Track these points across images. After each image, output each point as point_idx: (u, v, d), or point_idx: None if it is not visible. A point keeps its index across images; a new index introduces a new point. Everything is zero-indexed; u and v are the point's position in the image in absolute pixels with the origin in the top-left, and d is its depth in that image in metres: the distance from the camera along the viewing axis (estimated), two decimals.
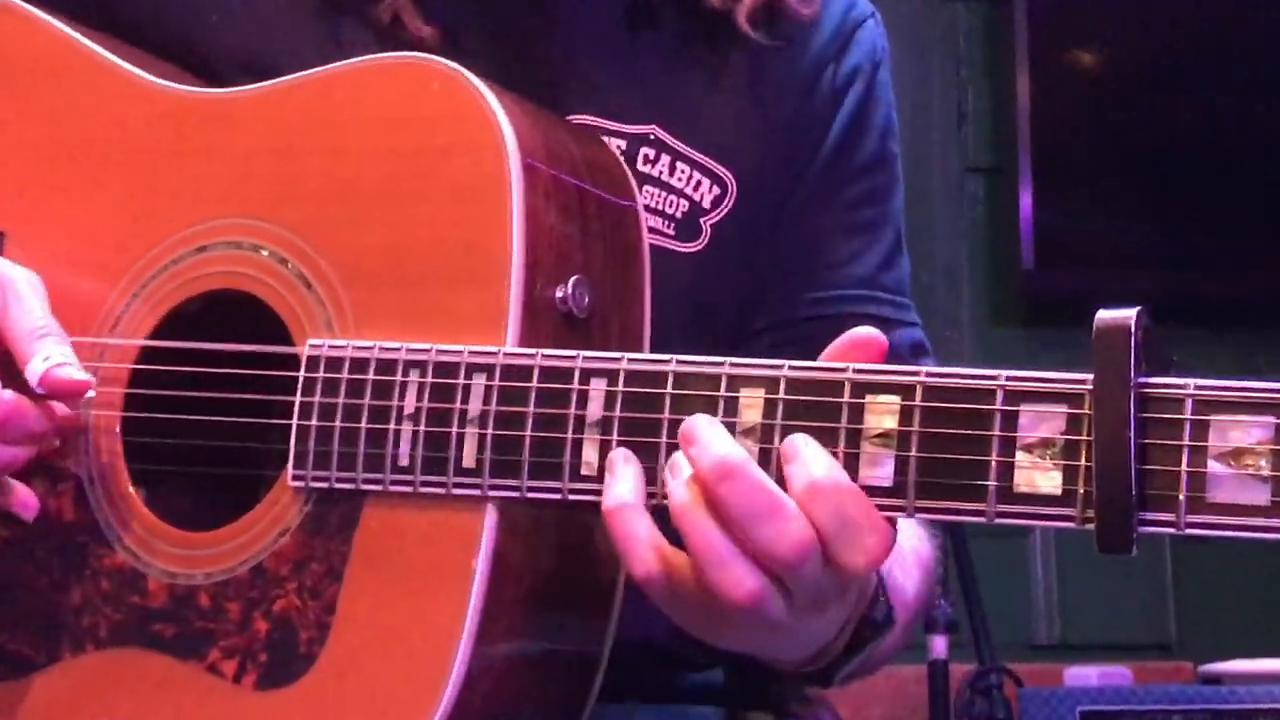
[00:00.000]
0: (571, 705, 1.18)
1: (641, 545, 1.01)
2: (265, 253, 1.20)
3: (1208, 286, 3.97)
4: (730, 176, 1.36)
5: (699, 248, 1.35)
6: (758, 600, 0.99)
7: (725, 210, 1.36)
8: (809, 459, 0.98)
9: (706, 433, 1.00)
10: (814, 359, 1.34)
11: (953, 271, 4.02)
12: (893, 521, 0.99)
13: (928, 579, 1.33)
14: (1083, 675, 3.12)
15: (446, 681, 1.08)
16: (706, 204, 1.36)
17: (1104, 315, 0.91)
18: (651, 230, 1.31)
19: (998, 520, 0.94)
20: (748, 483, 0.98)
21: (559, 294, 1.13)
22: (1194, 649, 3.75)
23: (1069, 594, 3.92)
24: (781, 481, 0.99)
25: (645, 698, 1.34)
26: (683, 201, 1.35)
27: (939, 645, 3.01)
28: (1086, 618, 3.91)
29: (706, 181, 1.35)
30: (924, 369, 0.97)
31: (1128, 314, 0.90)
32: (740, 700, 1.39)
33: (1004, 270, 4.00)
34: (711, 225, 1.36)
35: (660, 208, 1.34)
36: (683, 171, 1.35)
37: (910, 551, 1.31)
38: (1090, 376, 0.92)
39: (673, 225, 1.35)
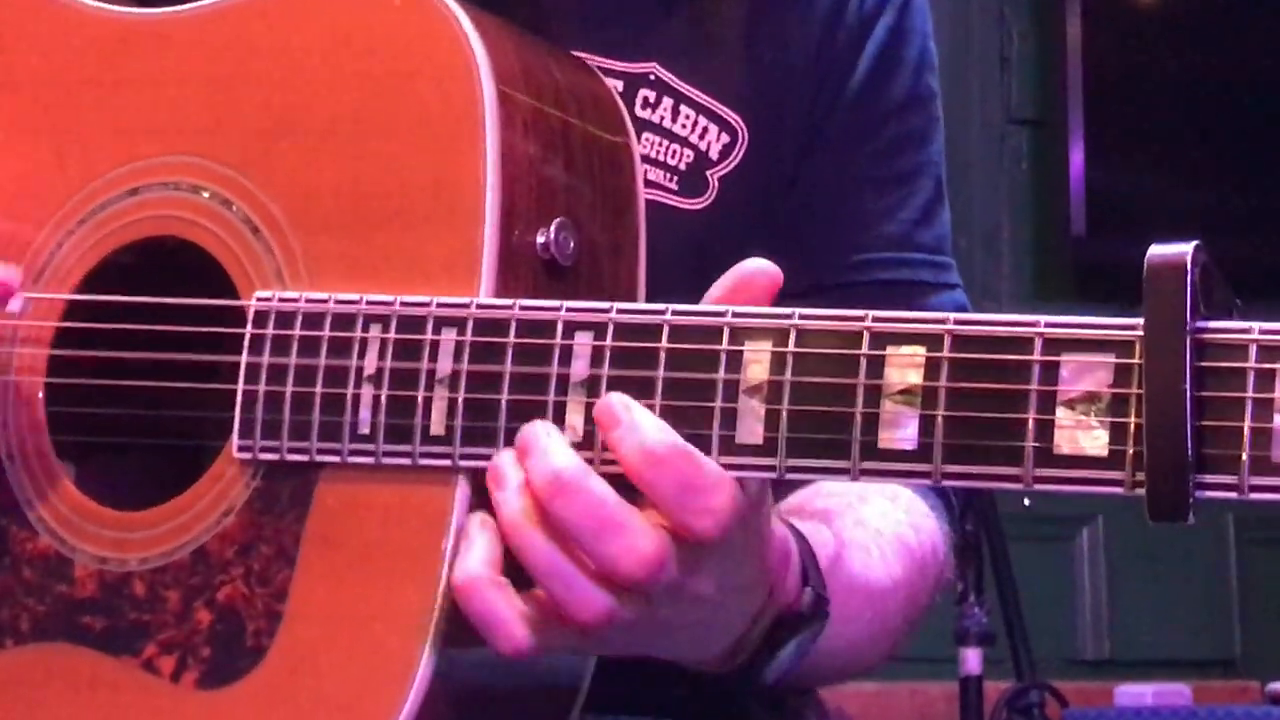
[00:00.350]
0: (554, 708, 1.18)
1: (506, 623, 1.04)
2: (206, 194, 1.21)
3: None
4: (741, 123, 1.36)
5: (705, 204, 1.35)
6: (609, 620, 1.02)
7: (735, 161, 1.36)
8: (639, 423, 1.01)
9: (543, 441, 1.03)
10: None
11: (992, 237, 4.03)
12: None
13: (919, 566, 1.32)
14: (1136, 694, 3.13)
15: (413, 678, 1.08)
16: (714, 154, 1.36)
17: (1156, 251, 0.91)
18: (651, 184, 1.31)
19: (1036, 486, 0.94)
20: (585, 498, 1.00)
21: (540, 239, 1.14)
22: (1261, 666, 3.76)
23: (1120, 604, 3.93)
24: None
25: (642, 708, 1.34)
26: (686, 151, 1.35)
27: (972, 659, 3.02)
28: (1139, 631, 3.93)
29: (714, 128, 1.35)
30: (951, 315, 0.98)
31: (1183, 249, 0.90)
32: (754, 715, 1.39)
33: (1050, 236, 4.01)
34: (719, 178, 1.35)
35: (661, 158, 1.34)
36: (687, 116, 1.35)
37: (892, 538, 1.29)
38: (1141, 321, 0.92)
39: (675, 178, 1.35)
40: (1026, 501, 2.79)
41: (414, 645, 1.09)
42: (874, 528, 1.28)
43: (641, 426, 1.00)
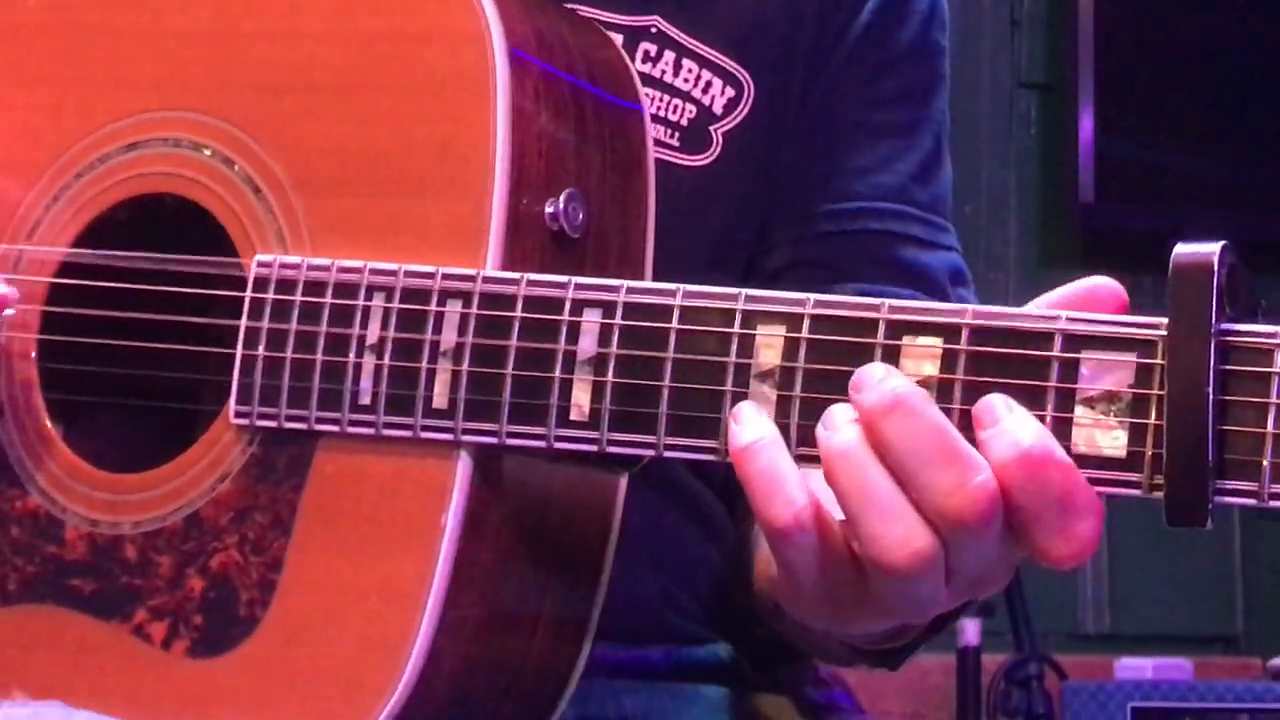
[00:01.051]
0: (552, 682, 1.18)
1: (789, 484, 0.95)
2: (208, 152, 1.20)
3: None
4: (746, 76, 1.34)
5: (708, 160, 1.34)
6: (922, 563, 0.94)
7: (740, 116, 1.34)
8: (1016, 426, 0.93)
9: (878, 373, 0.96)
10: (831, 281, 1.33)
11: (999, 203, 4.01)
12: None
13: None
14: (1136, 667, 3.14)
15: (409, 653, 1.08)
16: (718, 109, 1.34)
17: (1183, 251, 0.90)
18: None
19: None
20: (923, 420, 0.93)
21: (549, 209, 1.13)
22: (1263, 644, 3.77)
23: (1121, 578, 3.93)
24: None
25: (638, 674, 1.34)
26: (689, 106, 1.34)
27: (970, 631, 3.03)
28: (1140, 605, 3.93)
29: (718, 82, 1.34)
30: (970, 307, 0.97)
31: (1210, 249, 0.90)
32: (749, 681, 1.39)
33: (1058, 203, 3.99)
34: (723, 134, 1.34)
35: (663, 114, 1.33)
36: (689, 71, 1.34)
37: None
38: (1164, 321, 0.91)
39: (677, 135, 1.33)
40: None
41: (411, 620, 1.08)
42: None
43: (1019, 429, 0.92)
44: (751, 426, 0.97)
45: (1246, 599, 4.00)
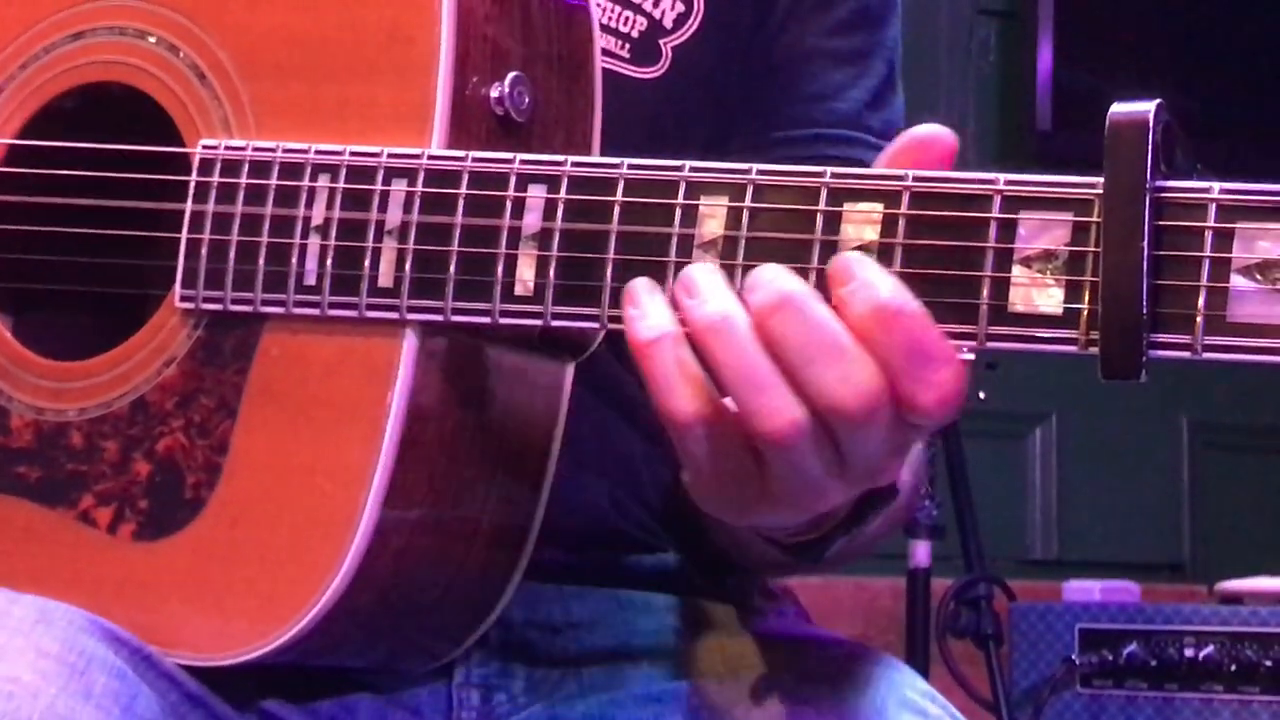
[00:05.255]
0: (495, 573, 1.19)
1: (687, 380, 0.98)
2: (153, 39, 1.20)
3: (1251, 158, 3.99)
4: None
5: (658, 73, 1.34)
6: (799, 433, 0.97)
7: (690, 31, 1.35)
8: (873, 280, 0.96)
9: (768, 271, 0.98)
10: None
11: (957, 129, 3.99)
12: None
13: (913, 460, 1.32)
14: (1084, 589, 3.16)
15: (354, 533, 1.09)
16: (668, 23, 1.35)
17: (1119, 109, 0.91)
18: (602, 52, 1.30)
19: (989, 344, 0.95)
20: (810, 316, 0.96)
21: (494, 93, 1.13)
22: (1209, 571, 3.81)
23: (1070, 504, 3.96)
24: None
25: (586, 580, 1.34)
26: (639, 19, 1.34)
27: (921, 552, 3.05)
28: (1088, 532, 3.96)
29: None
30: (912, 171, 0.98)
31: (1145, 108, 0.91)
32: (697, 589, 1.40)
33: (1016, 131, 4.00)
34: (673, 48, 1.35)
35: (614, 25, 1.33)
36: None
37: None
38: (1100, 180, 0.93)
39: (628, 46, 1.34)
40: (981, 395, 2.81)
41: (357, 498, 1.09)
42: None
43: (876, 283, 0.95)
44: (653, 315, 1.00)
45: (1193, 527, 4.04)
